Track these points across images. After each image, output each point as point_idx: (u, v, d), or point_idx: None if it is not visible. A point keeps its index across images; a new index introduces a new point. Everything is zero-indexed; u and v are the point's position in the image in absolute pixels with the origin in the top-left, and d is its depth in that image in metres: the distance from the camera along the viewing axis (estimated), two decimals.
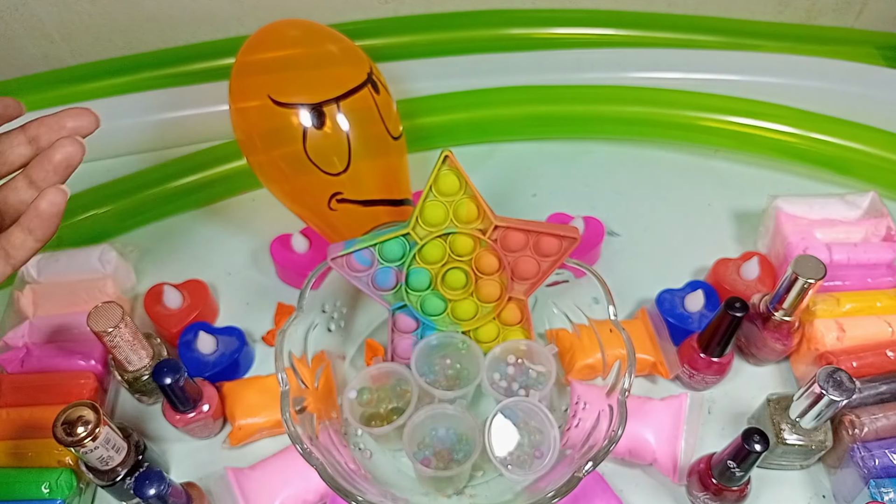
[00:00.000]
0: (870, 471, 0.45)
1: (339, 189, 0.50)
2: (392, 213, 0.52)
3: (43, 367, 0.52)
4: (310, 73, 0.49)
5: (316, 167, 0.49)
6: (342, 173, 0.49)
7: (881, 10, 0.82)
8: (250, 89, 0.50)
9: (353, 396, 0.48)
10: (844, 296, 0.53)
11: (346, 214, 0.51)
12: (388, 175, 0.53)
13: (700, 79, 0.69)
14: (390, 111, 0.53)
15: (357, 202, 0.50)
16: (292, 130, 0.48)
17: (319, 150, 0.49)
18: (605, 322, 0.47)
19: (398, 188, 0.53)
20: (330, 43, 0.53)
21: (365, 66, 0.51)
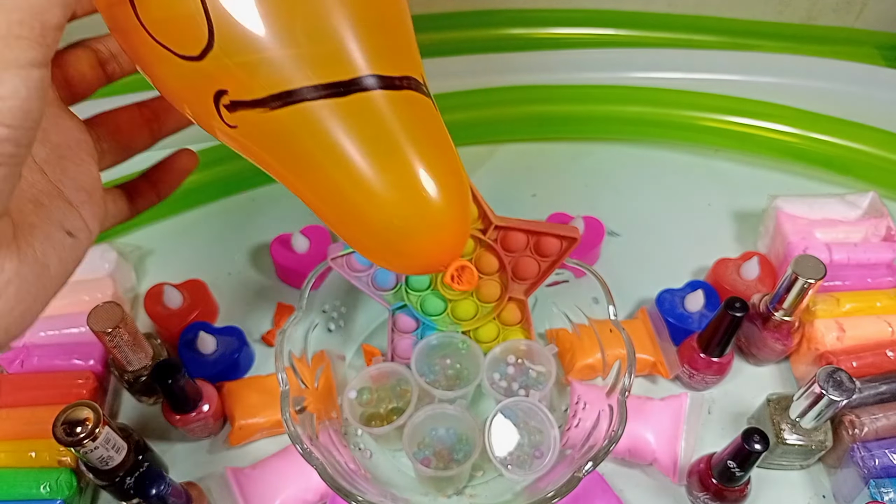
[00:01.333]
0: (870, 471, 0.45)
1: (218, 85, 0.26)
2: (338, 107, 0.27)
3: (43, 367, 0.52)
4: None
5: (160, 46, 0.25)
6: (206, 52, 0.25)
7: (881, 10, 0.82)
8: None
9: (353, 396, 0.48)
10: (844, 296, 0.53)
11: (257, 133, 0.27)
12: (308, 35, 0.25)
13: (700, 79, 0.69)
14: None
15: (254, 104, 0.26)
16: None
17: (156, 14, 0.25)
18: (605, 322, 0.47)
19: (334, 61, 0.26)
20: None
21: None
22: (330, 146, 0.26)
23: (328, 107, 0.26)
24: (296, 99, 0.25)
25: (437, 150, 0.28)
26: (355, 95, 0.26)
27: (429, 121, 0.29)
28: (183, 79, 0.26)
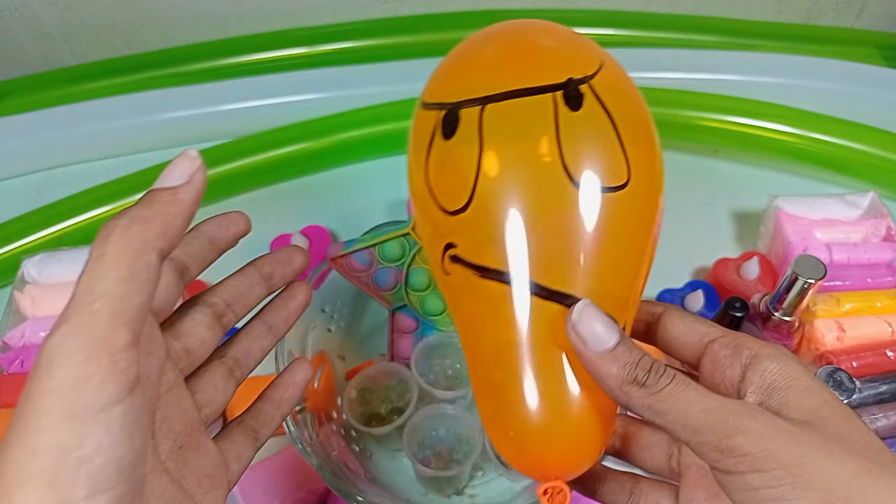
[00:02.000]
0: None
1: (452, 238, 0.30)
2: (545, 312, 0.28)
3: None
4: (480, 68, 0.31)
5: (431, 197, 0.30)
6: (459, 212, 0.29)
7: (881, 10, 0.82)
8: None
9: (353, 396, 0.48)
10: (844, 296, 0.53)
11: (460, 286, 0.30)
12: (556, 242, 0.28)
13: (700, 79, 0.69)
14: (595, 145, 0.29)
15: (473, 267, 0.29)
16: (421, 140, 0.31)
17: (437, 172, 0.30)
18: None
19: (554, 271, 0.28)
20: (547, 37, 0.33)
21: (572, 69, 0.30)
22: (506, 331, 0.28)
23: (526, 299, 0.28)
24: (505, 280, 0.28)
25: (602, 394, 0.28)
26: (557, 306, 0.28)
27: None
28: (434, 223, 0.30)
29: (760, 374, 0.25)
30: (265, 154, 0.66)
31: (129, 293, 0.21)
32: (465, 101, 0.29)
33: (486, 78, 0.30)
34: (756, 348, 0.26)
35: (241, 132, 0.68)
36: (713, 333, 0.28)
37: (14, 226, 0.62)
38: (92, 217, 0.62)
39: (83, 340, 0.20)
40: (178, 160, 0.25)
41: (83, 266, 0.21)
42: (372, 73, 0.72)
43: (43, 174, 0.71)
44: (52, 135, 0.69)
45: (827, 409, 0.23)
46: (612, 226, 0.28)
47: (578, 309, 0.26)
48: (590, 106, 0.29)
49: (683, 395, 0.24)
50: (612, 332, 0.25)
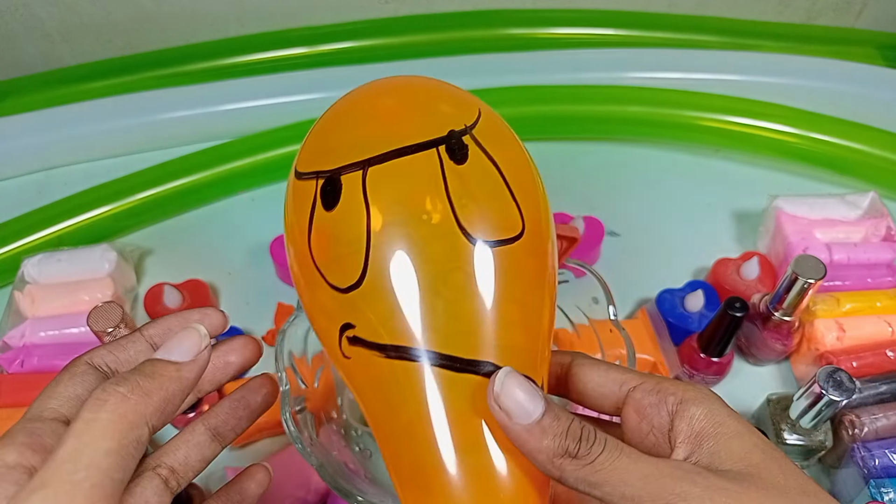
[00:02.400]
0: (870, 471, 0.45)
1: (349, 318, 0.27)
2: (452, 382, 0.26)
3: (43, 367, 0.52)
4: (355, 129, 0.28)
5: (318, 275, 0.28)
6: (353, 288, 0.27)
7: (881, 10, 0.82)
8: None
9: (353, 396, 0.48)
10: (844, 296, 0.53)
11: (363, 369, 0.27)
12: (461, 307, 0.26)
13: (700, 79, 0.69)
14: (487, 198, 0.27)
15: (373, 346, 0.27)
16: (300, 214, 0.28)
17: (322, 248, 0.27)
18: (605, 322, 0.47)
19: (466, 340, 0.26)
20: (420, 91, 0.31)
21: (451, 120, 0.28)
22: (421, 412, 0.26)
23: (438, 375, 0.26)
24: (412, 357, 0.26)
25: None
26: (468, 375, 0.26)
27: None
28: (325, 303, 0.27)
29: (688, 421, 0.24)
30: (265, 154, 0.66)
31: (113, 467, 0.20)
32: (344, 167, 0.27)
33: (364, 138, 0.27)
34: (680, 393, 0.25)
35: (241, 132, 0.68)
36: (632, 380, 0.27)
37: (14, 226, 0.62)
38: (92, 217, 0.62)
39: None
40: (187, 334, 0.24)
41: (71, 424, 0.20)
42: (372, 73, 0.71)
43: (43, 174, 0.71)
44: (52, 135, 0.69)
45: (757, 454, 0.23)
46: (513, 279, 0.27)
47: (500, 379, 0.24)
48: (475, 157, 0.27)
49: (618, 464, 0.23)
50: (537, 402, 0.24)
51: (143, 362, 0.23)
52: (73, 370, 0.25)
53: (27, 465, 0.21)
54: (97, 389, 0.22)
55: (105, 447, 0.20)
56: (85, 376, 0.25)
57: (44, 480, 0.20)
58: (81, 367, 0.25)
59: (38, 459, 0.21)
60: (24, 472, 0.21)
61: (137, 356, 0.27)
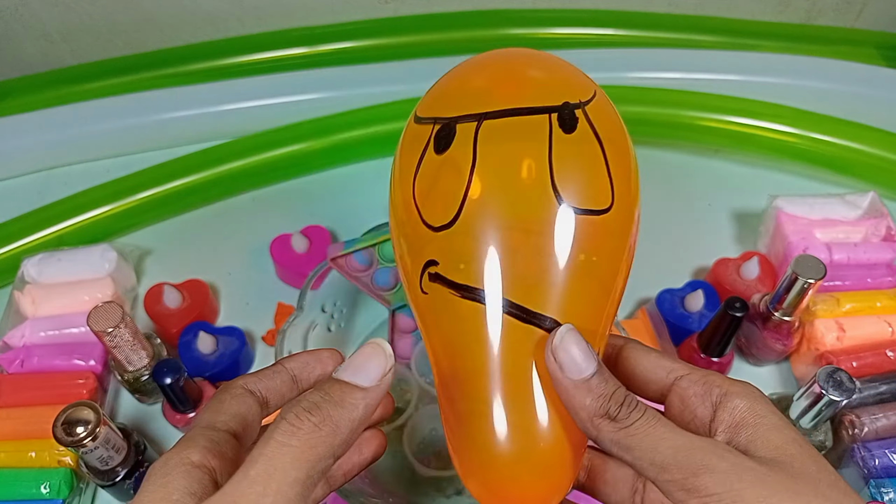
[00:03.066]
0: (870, 471, 0.45)
1: (434, 255, 0.29)
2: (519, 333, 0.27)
3: (43, 367, 0.52)
4: (477, 87, 0.30)
5: (415, 211, 0.29)
6: (444, 228, 0.28)
7: (881, 10, 0.82)
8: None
9: None
10: (844, 296, 0.53)
11: (438, 306, 0.29)
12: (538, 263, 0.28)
13: (700, 79, 0.69)
14: (585, 169, 0.29)
15: (451, 284, 0.28)
16: (411, 153, 0.30)
17: (425, 186, 0.29)
18: None
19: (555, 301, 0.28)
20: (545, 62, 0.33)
21: (568, 93, 0.30)
22: (482, 356, 0.27)
23: (504, 322, 0.27)
24: (484, 300, 0.27)
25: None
26: (530, 327, 0.27)
27: None
28: (415, 239, 0.29)
29: (730, 412, 0.25)
30: (265, 154, 0.66)
31: (297, 498, 0.21)
32: (461, 116, 0.29)
33: (484, 96, 0.29)
34: (725, 386, 0.26)
35: (241, 132, 0.68)
36: (680, 370, 0.28)
37: (14, 226, 0.62)
38: (92, 217, 0.62)
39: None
40: (373, 353, 0.25)
41: (261, 442, 0.21)
42: (372, 73, 0.72)
43: (43, 174, 0.71)
44: (52, 135, 0.69)
45: (794, 447, 0.24)
46: (594, 248, 0.28)
47: (560, 334, 0.26)
48: (582, 130, 0.29)
49: (652, 432, 0.24)
50: (590, 361, 0.25)
51: (332, 385, 0.24)
52: (233, 391, 0.26)
53: (209, 467, 0.23)
54: (290, 412, 0.22)
55: (293, 476, 0.21)
56: (244, 398, 0.26)
57: (234, 499, 0.21)
58: (238, 389, 0.27)
59: (216, 463, 0.23)
60: (206, 473, 0.23)
61: (283, 386, 0.28)
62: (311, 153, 0.67)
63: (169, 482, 0.22)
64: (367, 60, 0.74)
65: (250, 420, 0.26)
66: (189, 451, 0.23)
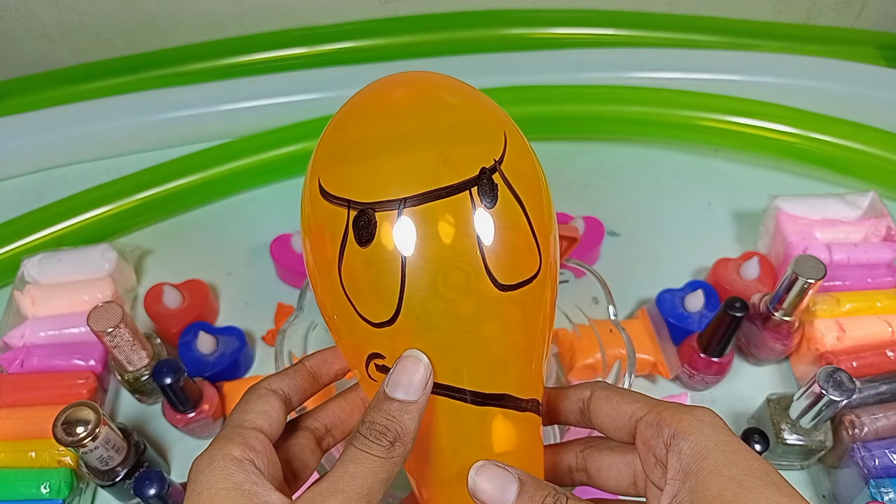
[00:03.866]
0: (870, 471, 0.45)
1: (378, 349, 0.29)
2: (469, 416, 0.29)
3: (43, 367, 0.52)
4: (388, 157, 0.28)
5: (350, 305, 0.28)
6: (385, 325, 0.28)
7: (881, 10, 0.82)
8: (314, 164, 0.31)
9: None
10: (844, 296, 0.53)
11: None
12: (481, 346, 0.28)
13: (700, 79, 0.69)
14: (513, 243, 0.28)
15: None
16: (330, 240, 0.28)
17: (356, 285, 0.28)
18: (605, 322, 0.47)
19: (497, 376, 0.29)
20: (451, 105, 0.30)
21: (482, 153, 0.28)
22: (437, 439, 0.29)
23: (458, 408, 0.28)
24: (439, 392, 0.28)
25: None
26: (486, 408, 0.29)
27: (533, 442, 0.30)
28: (358, 332, 0.29)
29: (677, 456, 0.25)
30: (265, 154, 0.66)
31: (380, 493, 0.25)
32: (379, 203, 0.27)
33: (398, 172, 0.27)
34: (675, 424, 0.26)
35: (241, 132, 0.68)
36: (638, 411, 0.28)
37: (14, 226, 0.62)
38: (92, 217, 0.62)
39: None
40: (414, 369, 0.27)
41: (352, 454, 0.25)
42: (372, 73, 0.71)
43: (43, 174, 0.71)
44: (52, 135, 0.69)
45: (732, 489, 0.24)
46: (526, 312, 0.29)
47: (472, 475, 0.27)
48: (503, 198, 0.28)
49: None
50: (507, 491, 0.27)
51: (389, 405, 0.26)
52: (258, 392, 0.29)
53: (248, 459, 0.25)
54: (369, 432, 0.26)
55: (381, 477, 0.25)
56: (268, 397, 0.29)
57: (341, 487, 0.25)
58: (263, 390, 0.29)
59: (253, 456, 0.26)
60: (250, 465, 0.25)
61: (304, 383, 0.31)
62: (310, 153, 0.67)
63: (228, 475, 0.25)
64: (367, 60, 0.74)
65: (276, 417, 0.28)
66: (229, 447, 0.26)
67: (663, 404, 0.27)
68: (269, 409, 0.28)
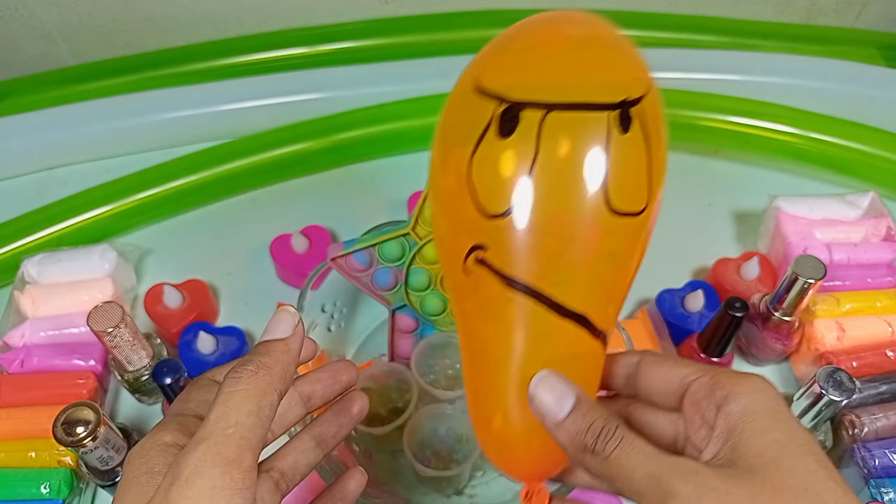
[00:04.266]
0: (870, 471, 0.45)
1: (485, 241, 0.29)
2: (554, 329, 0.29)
3: (43, 367, 0.52)
4: (544, 67, 0.30)
5: (469, 192, 0.29)
6: (499, 217, 0.29)
7: (881, 10, 0.82)
8: (471, 66, 0.32)
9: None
10: (844, 296, 0.53)
11: (476, 290, 0.30)
12: (578, 262, 0.29)
13: (700, 79, 0.69)
14: (633, 172, 0.30)
15: (500, 275, 0.29)
16: (470, 130, 0.30)
17: (485, 171, 0.29)
18: None
19: (584, 296, 0.30)
20: (608, 43, 0.34)
21: (627, 88, 0.30)
22: (510, 335, 0.29)
23: (540, 315, 0.29)
24: (530, 293, 0.29)
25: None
26: (566, 322, 0.29)
27: (595, 373, 0.31)
28: (465, 220, 0.30)
29: (725, 416, 0.26)
30: (265, 154, 0.66)
31: (255, 424, 0.25)
32: (528, 103, 0.29)
33: (552, 80, 0.29)
34: (728, 387, 0.26)
35: (241, 132, 0.68)
36: (692, 374, 0.28)
37: (14, 226, 0.62)
38: (92, 217, 0.62)
39: (219, 458, 0.23)
40: (281, 316, 0.28)
41: (215, 398, 0.25)
42: (372, 73, 0.72)
43: (43, 174, 0.71)
44: (52, 135, 0.69)
45: (773, 451, 0.24)
46: (624, 246, 0.30)
47: (534, 383, 0.28)
48: (635, 131, 0.30)
49: (628, 461, 0.25)
50: (563, 404, 0.27)
51: (257, 345, 0.28)
52: (200, 383, 0.30)
53: (180, 444, 0.26)
54: (228, 373, 0.26)
55: (246, 409, 0.25)
56: (210, 387, 0.30)
57: (203, 436, 0.24)
58: (205, 381, 0.30)
59: (185, 441, 0.25)
60: (178, 449, 0.25)
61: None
62: (311, 153, 0.67)
63: (148, 460, 0.25)
64: (367, 60, 0.74)
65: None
66: (161, 434, 0.26)
67: (718, 369, 0.28)
68: (209, 398, 0.28)
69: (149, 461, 0.25)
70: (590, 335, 0.30)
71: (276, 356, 0.27)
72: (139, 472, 0.25)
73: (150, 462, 0.25)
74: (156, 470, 0.25)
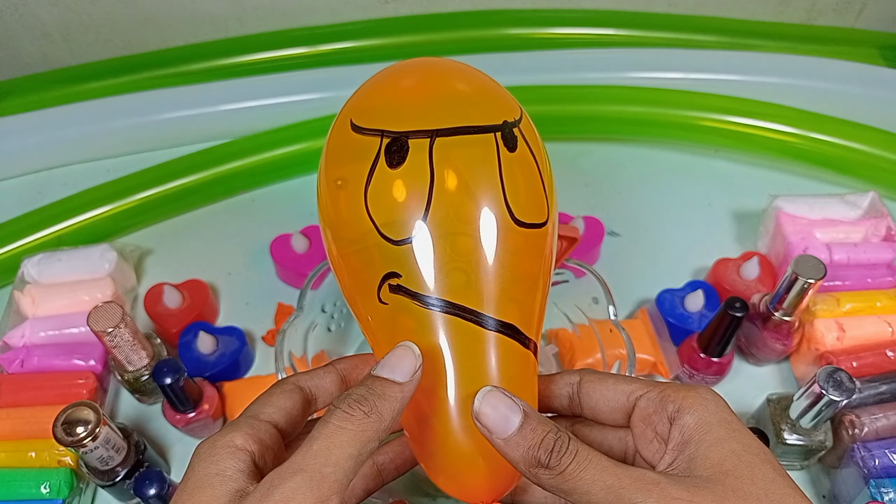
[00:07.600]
0: (870, 471, 0.45)
1: (395, 268, 0.30)
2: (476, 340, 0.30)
3: (43, 367, 0.52)
4: (417, 99, 0.31)
5: (371, 224, 0.30)
6: (404, 242, 0.29)
7: (881, 10, 0.82)
8: (344, 111, 0.34)
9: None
10: (844, 296, 0.53)
11: (395, 316, 0.30)
12: (495, 274, 0.30)
13: (700, 79, 0.69)
14: (530, 186, 0.31)
15: (419, 298, 0.29)
16: (359, 166, 0.30)
17: (382, 199, 0.30)
18: (605, 322, 0.47)
19: (507, 305, 0.30)
20: (475, 79, 0.34)
21: (504, 112, 0.31)
22: (440, 362, 0.29)
23: (468, 330, 0.29)
24: (454, 310, 0.29)
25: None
26: (494, 334, 0.30)
27: (533, 385, 0.31)
28: (378, 252, 0.30)
29: (680, 429, 0.26)
30: (265, 154, 0.66)
31: (350, 470, 0.24)
32: (413, 132, 0.30)
33: (431, 110, 0.30)
34: (679, 401, 0.26)
35: (241, 132, 0.68)
36: (638, 390, 0.28)
37: (14, 226, 0.62)
38: (92, 217, 0.62)
39: (311, 495, 0.23)
40: (404, 354, 0.28)
41: (320, 424, 0.25)
42: (372, 73, 0.72)
43: (43, 174, 0.71)
44: (52, 135, 0.69)
45: (731, 461, 0.24)
46: (532, 257, 0.31)
47: (479, 399, 0.27)
48: (521, 148, 0.31)
49: (584, 475, 0.25)
50: (510, 419, 0.26)
51: (373, 381, 0.27)
52: (284, 387, 0.29)
53: (249, 450, 0.25)
54: (340, 404, 0.25)
55: (348, 452, 0.24)
56: (293, 394, 0.29)
57: (301, 465, 0.24)
58: (290, 385, 0.29)
59: (255, 448, 0.26)
60: (248, 455, 0.25)
61: (331, 385, 0.31)
62: (311, 153, 0.67)
63: (219, 461, 0.25)
64: (367, 60, 0.74)
65: (295, 414, 0.29)
66: (233, 435, 0.26)
67: (664, 383, 0.28)
68: (289, 406, 0.28)
69: (219, 462, 0.25)
70: (521, 346, 0.30)
71: (390, 403, 0.26)
72: (210, 472, 0.25)
73: (220, 464, 0.25)
74: (227, 474, 0.24)
